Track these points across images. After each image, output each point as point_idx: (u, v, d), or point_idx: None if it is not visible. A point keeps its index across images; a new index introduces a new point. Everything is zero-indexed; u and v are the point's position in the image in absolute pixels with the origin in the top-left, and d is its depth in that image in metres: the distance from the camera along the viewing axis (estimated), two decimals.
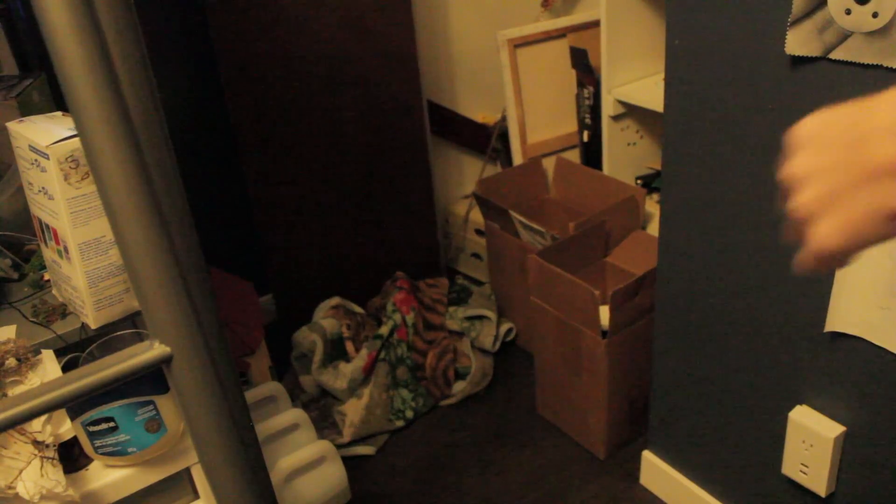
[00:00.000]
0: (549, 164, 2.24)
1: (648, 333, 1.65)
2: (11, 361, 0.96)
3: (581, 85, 2.19)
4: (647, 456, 1.69)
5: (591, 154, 2.23)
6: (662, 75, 1.30)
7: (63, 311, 1.10)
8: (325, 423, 1.93)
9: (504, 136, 2.36)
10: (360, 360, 1.97)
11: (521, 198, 2.16)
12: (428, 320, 2.12)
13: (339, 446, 1.81)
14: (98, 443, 0.95)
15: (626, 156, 2.14)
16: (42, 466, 0.88)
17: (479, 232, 2.37)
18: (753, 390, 1.35)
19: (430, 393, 2.02)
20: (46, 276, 1.17)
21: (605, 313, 1.64)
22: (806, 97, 1.08)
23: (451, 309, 2.15)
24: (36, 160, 0.96)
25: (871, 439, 1.19)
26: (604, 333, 1.65)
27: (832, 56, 1.01)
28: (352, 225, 2.24)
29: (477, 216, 2.33)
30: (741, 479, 1.46)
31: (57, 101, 1.48)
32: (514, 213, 1.97)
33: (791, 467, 1.31)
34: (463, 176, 2.57)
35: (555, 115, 2.33)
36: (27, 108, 1.35)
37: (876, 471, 1.20)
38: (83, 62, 0.47)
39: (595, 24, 2.08)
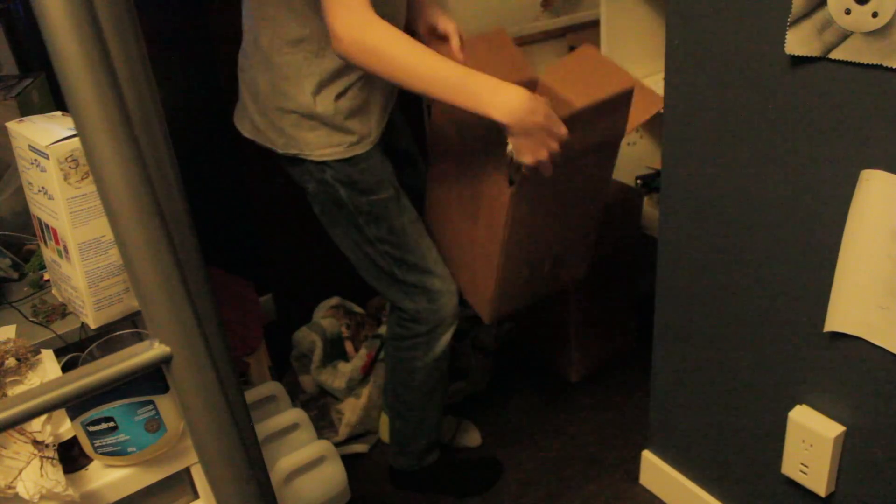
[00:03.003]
0: None
1: (571, 191, 1.43)
2: (11, 361, 0.96)
3: None
4: (647, 456, 1.69)
5: None
6: (662, 75, 1.30)
7: (63, 311, 1.10)
8: (323, 423, 1.93)
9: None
10: (360, 359, 1.97)
11: None
12: None
13: (334, 444, 1.81)
14: (98, 443, 0.95)
15: (626, 156, 2.14)
16: (42, 466, 0.88)
17: None
18: (753, 390, 1.35)
19: None
20: (46, 276, 1.17)
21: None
22: (806, 97, 1.08)
23: None
24: (36, 160, 0.96)
25: (871, 439, 1.19)
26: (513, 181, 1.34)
27: (832, 56, 1.02)
28: None
29: None
30: (741, 479, 1.46)
31: (57, 101, 1.48)
32: None
33: (791, 467, 1.31)
34: None
35: None
36: (27, 108, 1.35)
37: (876, 471, 1.20)
38: (83, 62, 0.47)
39: (595, 24, 2.08)
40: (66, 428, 0.94)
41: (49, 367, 0.99)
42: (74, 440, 0.96)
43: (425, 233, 1.49)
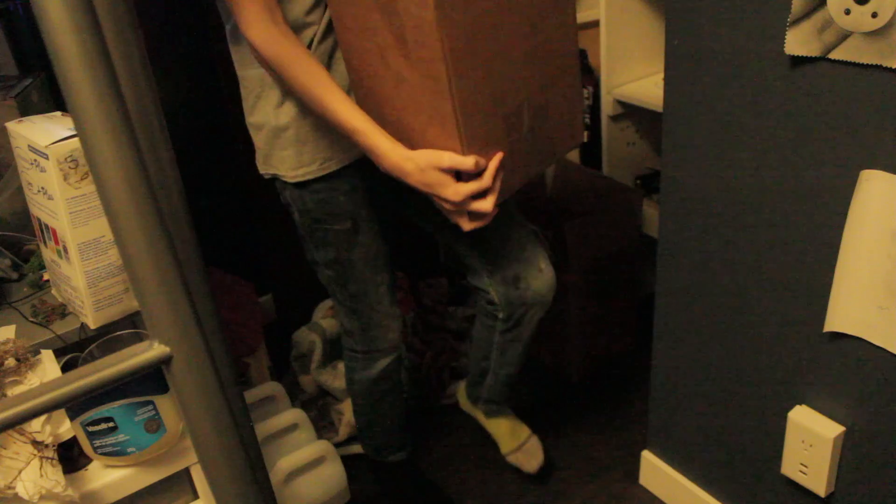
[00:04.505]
0: None
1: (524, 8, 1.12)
2: (11, 361, 0.96)
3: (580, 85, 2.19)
4: (647, 456, 1.69)
5: (591, 154, 2.23)
6: (662, 75, 1.30)
7: (62, 312, 1.10)
8: (323, 423, 1.93)
9: None
10: None
11: (519, 197, 2.16)
12: (428, 321, 2.12)
13: (334, 444, 1.82)
14: (97, 443, 0.95)
15: (626, 156, 2.14)
16: (41, 466, 0.88)
17: None
18: (753, 390, 1.35)
19: (423, 394, 2.02)
20: (46, 277, 1.17)
21: None
22: (805, 97, 1.08)
23: (451, 309, 2.15)
24: (35, 160, 0.96)
25: (870, 439, 1.19)
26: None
27: (831, 56, 1.02)
28: None
29: None
30: (741, 479, 1.46)
31: (56, 101, 1.48)
32: None
33: (790, 467, 1.31)
34: None
35: None
36: (26, 108, 1.35)
37: (875, 471, 1.20)
38: (83, 62, 0.47)
39: (594, 24, 2.08)
40: (65, 428, 0.94)
41: (49, 367, 0.99)
42: (74, 440, 0.96)
43: (381, 267, 1.41)
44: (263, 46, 1.12)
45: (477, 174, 1.11)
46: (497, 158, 1.12)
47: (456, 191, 1.10)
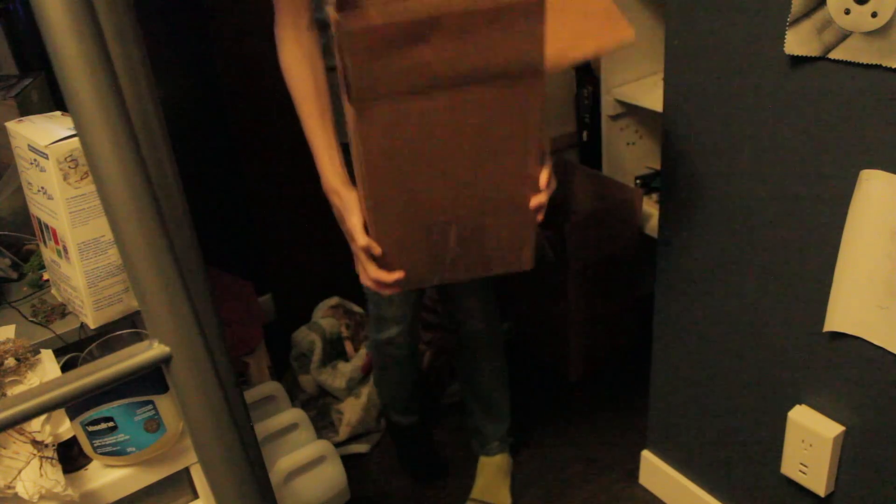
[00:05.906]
0: None
1: (467, 134, 1.05)
2: (10, 361, 0.96)
3: (580, 85, 2.19)
4: (647, 456, 1.69)
5: (591, 154, 2.23)
6: (662, 75, 1.30)
7: (62, 311, 1.10)
8: (323, 423, 1.94)
9: None
10: (359, 359, 1.97)
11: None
12: (427, 321, 2.11)
13: (334, 444, 1.82)
14: (97, 442, 0.95)
15: (626, 155, 2.14)
16: (41, 466, 0.88)
17: None
18: (753, 390, 1.35)
19: (423, 394, 2.01)
20: (46, 276, 1.17)
21: None
22: (805, 97, 1.08)
23: None
24: (35, 160, 0.96)
25: (870, 439, 1.19)
26: None
27: (831, 56, 1.02)
28: None
29: None
30: (741, 479, 1.46)
31: (56, 101, 1.48)
32: None
33: (790, 467, 1.31)
34: None
35: (554, 114, 2.33)
36: (26, 108, 1.35)
37: (875, 471, 1.20)
38: (83, 62, 0.47)
39: None
40: (65, 428, 0.94)
41: (48, 367, 0.99)
42: (74, 440, 0.96)
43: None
44: (281, 52, 1.16)
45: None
46: (396, 276, 1.11)
47: (357, 248, 1.09)
